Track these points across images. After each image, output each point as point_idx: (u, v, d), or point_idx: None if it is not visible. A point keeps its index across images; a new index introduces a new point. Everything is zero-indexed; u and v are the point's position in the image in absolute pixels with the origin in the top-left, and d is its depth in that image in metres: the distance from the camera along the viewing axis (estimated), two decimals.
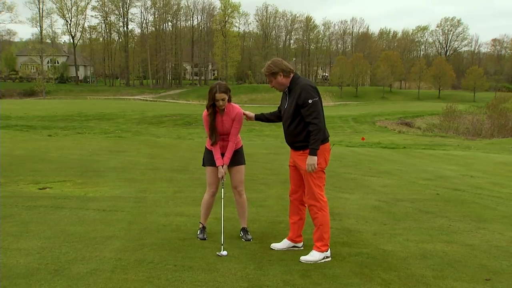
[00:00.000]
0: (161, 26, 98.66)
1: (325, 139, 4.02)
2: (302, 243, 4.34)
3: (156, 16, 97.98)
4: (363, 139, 22.18)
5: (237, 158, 4.48)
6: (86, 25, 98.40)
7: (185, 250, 4.13)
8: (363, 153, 13.83)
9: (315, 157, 3.89)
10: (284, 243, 4.31)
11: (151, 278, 3.48)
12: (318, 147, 3.89)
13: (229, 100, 4.35)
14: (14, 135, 15.48)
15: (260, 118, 4.52)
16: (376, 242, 4.56)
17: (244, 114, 4.44)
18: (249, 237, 4.51)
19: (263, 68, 4.15)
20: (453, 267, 3.90)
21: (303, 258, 3.97)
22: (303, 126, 3.96)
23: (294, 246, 4.31)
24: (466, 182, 8.63)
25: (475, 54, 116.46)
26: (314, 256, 3.98)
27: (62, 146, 12.57)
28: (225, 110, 4.34)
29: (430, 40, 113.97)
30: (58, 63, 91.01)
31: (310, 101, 3.85)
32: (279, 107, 4.32)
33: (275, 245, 4.29)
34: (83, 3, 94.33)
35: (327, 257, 4.02)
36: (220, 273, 3.63)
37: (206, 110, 4.35)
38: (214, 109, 4.31)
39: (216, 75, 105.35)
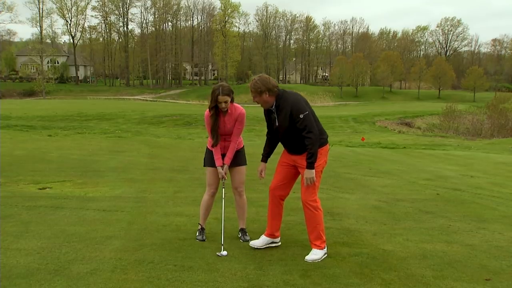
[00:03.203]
0: (161, 26, 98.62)
1: (324, 141, 4.09)
2: (279, 238, 4.34)
3: (156, 16, 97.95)
4: (363, 139, 22.17)
5: (238, 159, 4.47)
6: (86, 25, 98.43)
7: (185, 250, 4.13)
8: (363, 153, 13.83)
9: (313, 170, 3.96)
10: (264, 240, 4.28)
11: (151, 278, 3.48)
12: (315, 161, 3.94)
13: (232, 101, 4.33)
14: (14, 135, 15.48)
15: (268, 156, 4.34)
16: (376, 242, 4.56)
17: (261, 173, 4.33)
18: (248, 238, 4.50)
19: (250, 82, 4.03)
20: (453, 267, 3.90)
21: (308, 257, 4.00)
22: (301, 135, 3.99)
23: (272, 242, 4.29)
24: (466, 182, 8.63)
25: (475, 54, 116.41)
26: (317, 254, 4.03)
27: (62, 146, 12.57)
28: (228, 110, 4.32)
29: (430, 40, 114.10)
30: (58, 63, 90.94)
31: (301, 115, 3.88)
32: (268, 130, 4.25)
33: (254, 243, 4.25)
34: (83, 3, 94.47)
35: (325, 253, 4.09)
36: (220, 273, 3.63)
37: (208, 110, 4.34)
38: (216, 110, 4.30)
39: (216, 75, 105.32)
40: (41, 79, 75.70)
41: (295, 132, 3.97)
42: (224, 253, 4.06)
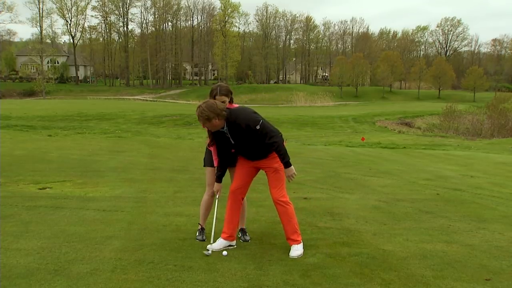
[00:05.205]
0: (161, 26, 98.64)
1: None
2: (235, 241, 4.31)
3: (156, 16, 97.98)
4: (363, 139, 22.15)
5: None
6: (86, 25, 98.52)
7: (185, 250, 4.13)
8: (363, 153, 13.82)
9: (292, 167, 4.11)
10: (222, 243, 4.20)
11: (151, 278, 3.48)
12: (289, 158, 4.08)
13: (231, 101, 4.34)
14: (14, 135, 15.48)
15: (222, 176, 4.36)
16: (376, 242, 4.56)
17: (217, 194, 4.37)
18: (248, 238, 4.51)
19: (196, 110, 3.91)
20: (453, 267, 3.90)
21: (292, 254, 4.04)
22: (264, 143, 4.06)
23: (229, 245, 4.24)
24: (466, 182, 8.63)
25: (475, 54, 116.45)
26: (298, 249, 4.10)
27: (62, 146, 12.57)
28: None
29: (430, 40, 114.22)
30: (58, 63, 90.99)
31: (258, 126, 3.97)
32: (220, 152, 4.22)
33: (212, 246, 4.14)
34: (83, 3, 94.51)
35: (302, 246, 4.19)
36: (220, 273, 3.63)
37: None
38: None
39: (216, 75, 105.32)
40: (41, 79, 75.73)
41: (255, 142, 4.05)
42: (224, 253, 4.06)
